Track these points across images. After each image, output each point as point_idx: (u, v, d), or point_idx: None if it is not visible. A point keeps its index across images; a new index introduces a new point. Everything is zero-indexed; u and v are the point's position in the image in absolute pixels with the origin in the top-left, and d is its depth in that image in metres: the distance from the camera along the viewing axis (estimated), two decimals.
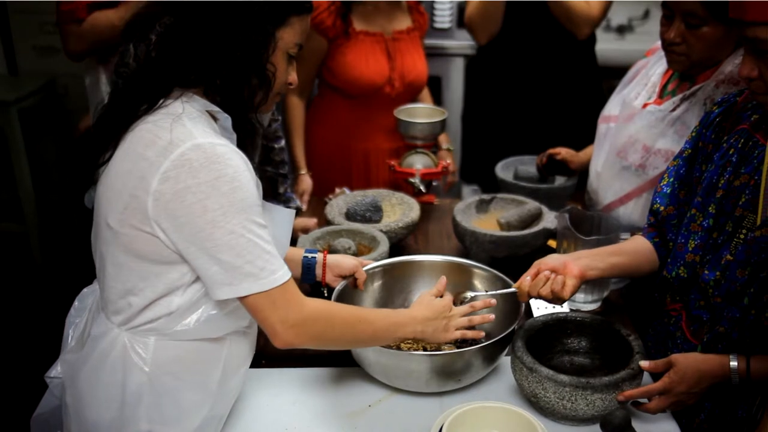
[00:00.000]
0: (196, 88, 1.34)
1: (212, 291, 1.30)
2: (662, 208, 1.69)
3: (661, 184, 1.71)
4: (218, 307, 1.34)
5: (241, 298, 1.30)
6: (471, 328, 1.60)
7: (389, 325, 1.49)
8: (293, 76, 1.45)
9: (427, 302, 1.57)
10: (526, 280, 1.63)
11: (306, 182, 2.60)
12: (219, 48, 1.30)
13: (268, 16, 1.34)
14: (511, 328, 1.56)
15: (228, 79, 1.32)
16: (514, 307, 1.65)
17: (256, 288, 1.28)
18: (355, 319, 1.45)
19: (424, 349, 1.64)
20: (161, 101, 1.31)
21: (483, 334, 1.64)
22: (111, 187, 1.31)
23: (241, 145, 1.36)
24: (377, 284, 1.79)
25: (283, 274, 1.31)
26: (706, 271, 1.52)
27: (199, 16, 1.31)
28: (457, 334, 1.57)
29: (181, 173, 1.23)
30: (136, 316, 1.33)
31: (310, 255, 1.72)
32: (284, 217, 1.53)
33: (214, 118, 1.34)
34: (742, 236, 1.48)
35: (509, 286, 1.69)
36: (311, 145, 2.73)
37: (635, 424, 1.37)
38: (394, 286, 1.81)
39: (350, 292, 1.72)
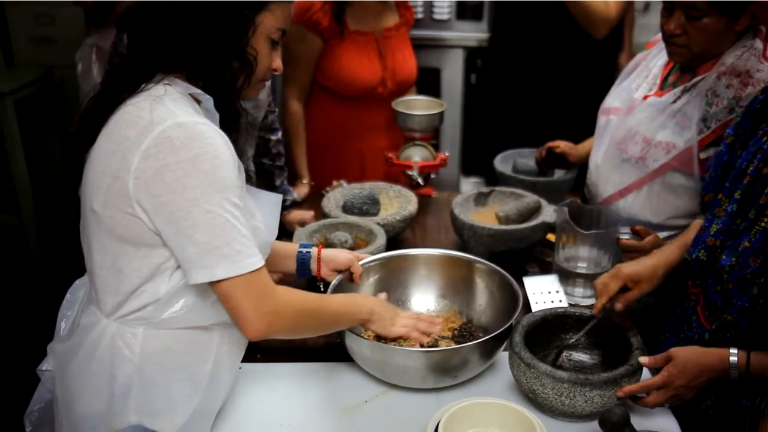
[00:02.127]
0: (178, 74, 1.34)
1: (188, 274, 1.28)
2: (706, 196, 1.71)
3: (708, 172, 1.72)
4: (205, 293, 1.32)
5: (215, 284, 1.28)
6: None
7: (346, 312, 1.53)
8: (277, 63, 1.44)
9: (378, 298, 1.64)
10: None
11: (303, 191, 2.54)
12: (199, 32, 1.30)
13: (247, 2, 1.33)
14: (509, 323, 1.55)
15: (209, 63, 1.32)
16: (511, 302, 1.63)
17: (231, 271, 1.26)
18: (318, 307, 1.48)
19: (421, 346, 1.62)
20: (143, 85, 1.31)
21: (427, 340, 1.63)
22: (94, 171, 1.31)
23: (225, 129, 1.35)
24: (373, 278, 1.78)
25: (258, 260, 1.30)
26: (724, 256, 1.52)
27: (178, 2, 1.30)
28: (402, 331, 1.59)
29: (162, 151, 1.23)
30: (124, 303, 1.32)
31: (304, 250, 1.70)
32: (272, 202, 1.53)
33: (197, 101, 1.34)
34: (763, 224, 1.47)
35: (507, 280, 1.68)
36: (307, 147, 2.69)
37: (634, 420, 1.35)
38: (391, 280, 1.79)
39: (346, 287, 1.70)
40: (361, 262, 1.73)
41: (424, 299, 1.80)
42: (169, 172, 1.22)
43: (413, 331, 1.61)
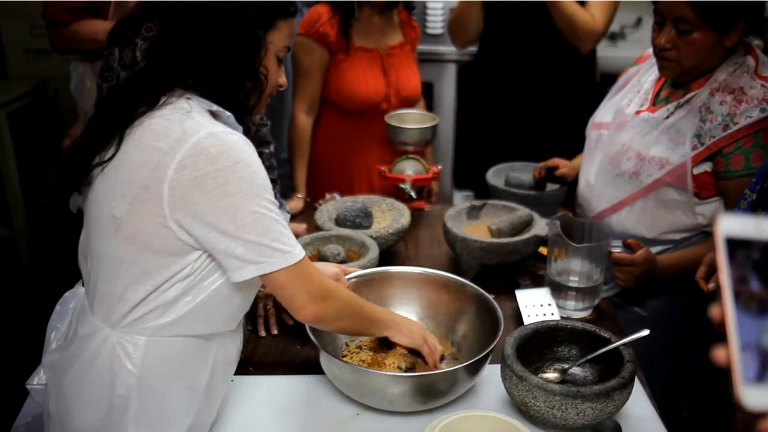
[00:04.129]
0: (195, 91, 1.35)
1: (235, 273, 1.30)
2: None
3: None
4: (210, 296, 1.33)
5: (268, 277, 1.32)
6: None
7: (381, 315, 1.58)
8: (283, 79, 1.48)
9: (406, 318, 1.66)
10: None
11: (297, 206, 2.52)
12: (213, 54, 1.33)
13: (258, 21, 1.36)
14: (489, 349, 1.51)
15: (223, 83, 1.35)
16: (493, 324, 1.60)
17: (283, 263, 1.30)
18: (359, 302, 1.52)
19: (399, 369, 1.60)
20: (163, 99, 1.32)
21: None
22: (119, 180, 1.30)
23: None
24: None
25: (301, 251, 1.34)
26: None
27: (191, 23, 1.33)
28: (425, 348, 1.60)
29: (199, 161, 1.24)
30: (131, 311, 1.31)
31: None
32: None
33: (215, 116, 1.35)
34: None
35: (487, 301, 1.66)
36: (310, 160, 2.69)
37: None
38: (369, 298, 1.72)
39: None
40: (348, 276, 1.72)
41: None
42: (209, 181, 1.24)
43: (433, 352, 1.62)
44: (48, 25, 2.50)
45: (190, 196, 1.25)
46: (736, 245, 0.67)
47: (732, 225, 0.67)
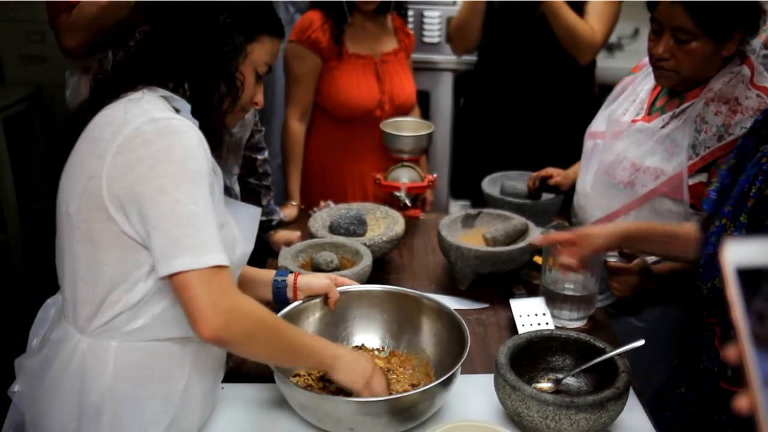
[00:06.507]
0: (165, 87, 1.35)
1: (156, 268, 1.23)
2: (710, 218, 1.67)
3: (709, 189, 1.69)
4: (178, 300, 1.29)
5: (174, 276, 1.20)
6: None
7: (309, 345, 1.41)
8: (259, 97, 1.48)
9: (348, 349, 1.53)
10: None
11: (291, 213, 2.51)
12: (190, 52, 1.34)
13: (239, 27, 1.37)
14: (454, 369, 1.45)
15: (197, 82, 1.35)
16: (459, 343, 1.54)
17: (192, 264, 1.19)
18: (282, 327, 1.36)
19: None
20: (122, 94, 1.32)
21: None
22: (71, 175, 1.31)
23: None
24: (317, 315, 1.68)
25: (222, 257, 1.23)
26: None
27: (174, 21, 1.35)
28: (365, 394, 1.42)
29: (134, 144, 1.23)
30: (97, 314, 1.29)
31: (280, 278, 1.65)
32: (250, 214, 1.52)
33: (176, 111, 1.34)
34: None
35: (455, 320, 1.59)
36: (303, 167, 2.68)
37: None
38: (333, 317, 1.70)
39: (295, 317, 1.62)
40: (340, 288, 1.68)
41: (370, 339, 1.71)
42: (140, 163, 1.22)
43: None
44: (54, 22, 2.41)
45: (125, 181, 1.23)
46: (747, 275, 0.59)
47: (740, 253, 0.60)
